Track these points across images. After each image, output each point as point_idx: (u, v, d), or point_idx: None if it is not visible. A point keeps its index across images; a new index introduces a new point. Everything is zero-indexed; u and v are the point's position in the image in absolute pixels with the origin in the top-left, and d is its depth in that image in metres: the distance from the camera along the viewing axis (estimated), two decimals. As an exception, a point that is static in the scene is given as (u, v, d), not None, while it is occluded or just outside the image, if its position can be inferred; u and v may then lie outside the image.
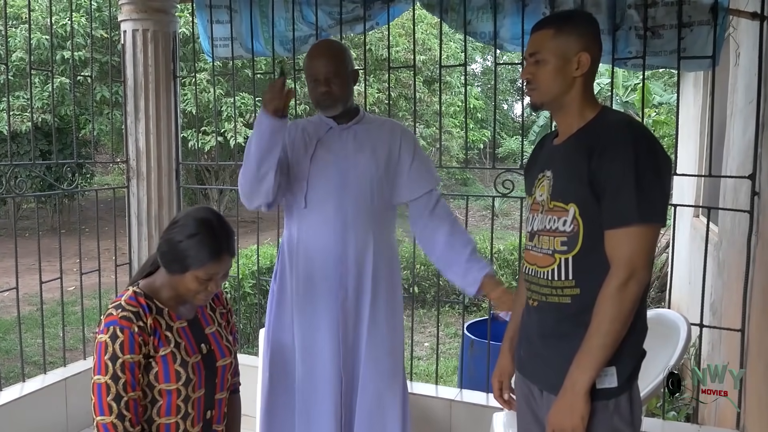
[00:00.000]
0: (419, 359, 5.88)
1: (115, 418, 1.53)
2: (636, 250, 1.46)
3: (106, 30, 8.42)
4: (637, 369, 1.58)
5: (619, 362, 1.52)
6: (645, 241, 1.47)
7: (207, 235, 1.61)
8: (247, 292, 5.67)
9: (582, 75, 1.57)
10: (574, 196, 1.54)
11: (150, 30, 3.35)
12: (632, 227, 1.46)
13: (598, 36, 1.60)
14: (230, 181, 10.74)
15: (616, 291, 1.46)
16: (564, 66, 1.56)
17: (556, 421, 1.53)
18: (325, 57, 2.14)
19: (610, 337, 1.47)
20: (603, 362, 1.48)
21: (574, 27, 1.58)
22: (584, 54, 1.55)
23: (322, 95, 2.14)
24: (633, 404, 1.57)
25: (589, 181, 1.50)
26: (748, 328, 2.58)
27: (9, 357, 5.42)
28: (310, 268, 2.18)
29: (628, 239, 1.46)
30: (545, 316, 1.62)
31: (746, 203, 2.61)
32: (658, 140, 1.56)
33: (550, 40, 1.56)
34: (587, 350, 1.49)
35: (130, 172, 3.45)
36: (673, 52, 2.58)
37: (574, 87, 1.57)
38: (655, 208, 1.47)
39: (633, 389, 1.57)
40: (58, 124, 10.15)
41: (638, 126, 1.58)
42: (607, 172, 1.48)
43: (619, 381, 1.52)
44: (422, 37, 10.85)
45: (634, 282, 1.46)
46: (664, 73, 13.25)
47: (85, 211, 10.33)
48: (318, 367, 2.18)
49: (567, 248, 1.55)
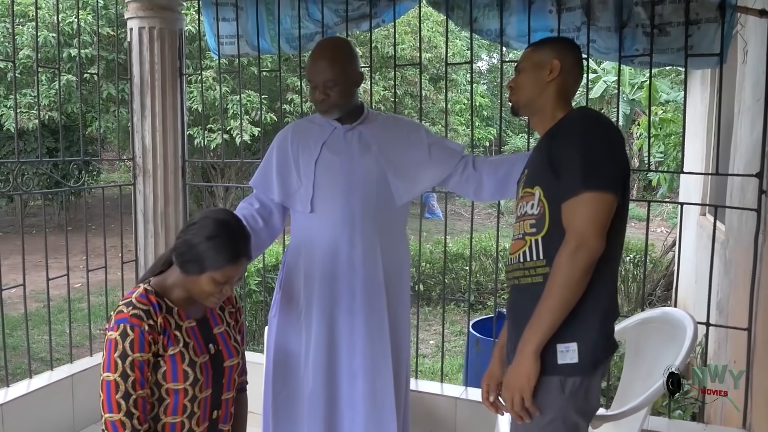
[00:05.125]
0: (424, 357, 5.88)
1: (124, 416, 1.53)
2: (585, 217, 1.52)
3: (112, 28, 8.42)
4: (602, 357, 1.60)
5: (580, 339, 1.55)
6: (593, 208, 1.52)
7: (226, 237, 1.61)
8: (253, 289, 5.68)
9: (554, 80, 1.71)
10: (539, 180, 1.65)
11: (156, 28, 3.35)
12: (579, 195, 1.52)
13: (573, 52, 1.77)
14: (236, 179, 10.74)
15: (565, 258, 1.52)
16: (538, 71, 1.73)
17: (506, 381, 1.61)
18: (326, 61, 2.10)
19: (557, 301, 1.52)
20: (550, 326, 1.54)
21: (550, 42, 1.83)
22: (555, 60, 1.71)
23: (319, 102, 2.13)
24: (589, 394, 1.59)
25: (549, 164, 1.61)
26: (755, 326, 2.57)
27: (16, 353, 5.45)
28: (317, 273, 2.16)
29: (576, 208, 1.53)
30: (519, 298, 1.68)
31: (753, 201, 2.60)
32: (611, 122, 1.69)
33: (530, 53, 1.79)
34: (537, 314, 1.55)
35: (137, 169, 3.46)
36: (681, 49, 2.57)
37: (546, 91, 1.72)
38: (601, 177, 1.53)
39: (593, 380, 1.59)
40: (65, 122, 10.18)
41: (589, 111, 1.74)
42: (559, 151, 1.60)
43: (580, 358, 1.55)
44: (428, 35, 10.81)
45: (584, 250, 1.51)
46: (671, 70, 13.19)
47: (91, 209, 10.36)
48: (324, 370, 2.16)
49: (536, 230, 1.63)
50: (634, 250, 7.19)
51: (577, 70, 1.77)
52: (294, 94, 9.42)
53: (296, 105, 9.37)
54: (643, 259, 3.42)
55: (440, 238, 7.97)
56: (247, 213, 2.22)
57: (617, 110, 3.20)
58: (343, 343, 2.17)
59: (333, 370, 2.17)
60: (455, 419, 2.91)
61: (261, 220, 2.22)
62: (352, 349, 2.16)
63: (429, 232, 10.36)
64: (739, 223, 3.21)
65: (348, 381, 2.17)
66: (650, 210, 2.95)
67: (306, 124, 2.28)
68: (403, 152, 2.19)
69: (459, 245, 7.81)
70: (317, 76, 2.11)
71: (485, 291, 7.43)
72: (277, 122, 8.78)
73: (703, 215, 5.39)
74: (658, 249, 8.29)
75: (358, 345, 2.16)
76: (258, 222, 2.21)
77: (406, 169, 2.19)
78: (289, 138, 2.24)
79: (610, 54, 2.72)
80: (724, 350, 3.41)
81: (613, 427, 2.21)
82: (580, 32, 2.66)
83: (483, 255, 7.71)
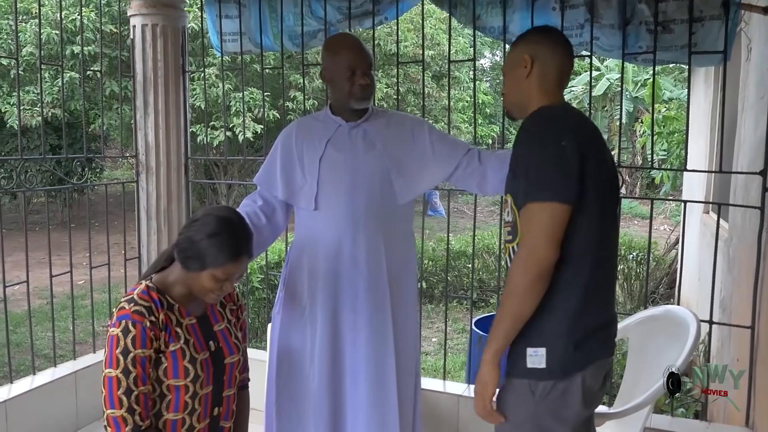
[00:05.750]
0: (427, 354, 5.88)
1: (125, 412, 1.54)
2: (533, 227, 1.49)
3: (115, 25, 8.44)
4: (571, 363, 1.55)
5: (548, 344, 1.54)
6: (540, 219, 1.49)
7: (228, 235, 1.62)
8: (256, 286, 5.69)
9: (531, 75, 1.67)
10: (509, 186, 1.65)
11: (159, 25, 3.35)
12: (527, 206, 1.51)
13: (547, 38, 1.71)
14: (239, 176, 10.75)
15: (515, 267, 1.52)
16: (516, 71, 1.70)
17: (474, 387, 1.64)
18: (362, 49, 2.14)
19: (508, 309, 1.53)
20: (505, 334, 1.55)
21: (521, 37, 1.75)
22: (526, 55, 1.67)
23: (362, 87, 2.12)
24: (568, 399, 1.55)
25: (511, 170, 1.61)
26: (758, 325, 2.56)
27: (20, 350, 5.46)
28: (321, 270, 2.15)
29: (526, 218, 1.51)
30: None
31: (757, 199, 2.59)
32: (568, 119, 1.61)
33: (508, 55, 1.75)
34: (494, 322, 1.57)
35: (140, 166, 3.46)
36: (684, 47, 2.56)
37: (528, 89, 1.69)
38: (547, 187, 1.50)
39: (571, 383, 1.55)
40: (68, 119, 10.20)
41: (543, 112, 1.63)
42: (515, 157, 1.59)
43: (548, 364, 1.54)
44: (431, 32, 10.81)
45: (533, 259, 1.49)
46: (674, 68, 13.16)
47: (94, 206, 10.40)
48: (328, 367, 2.16)
49: (512, 237, 1.63)
50: (637, 247, 7.17)
51: (554, 56, 1.69)
52: (297, 92, 9.42)
53: (299, 102, 9.38)
54: (646, 256, 3.42)
55: (443, 236, 7.96)
56: (250, 210, 2.22)
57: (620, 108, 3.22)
58: (347, 341, 2.16)
59: (337, 367, 2.17)
60: (458, 417, 2.91)
61: (264, 217, 2.22)
62: (355, 346, 2.16)
63: (432, 230, 10.36)
64: (742, 221, 3.21)
65: (351, 379, 2.17)
66: (653, 208, 2.95)
67: (310, 121, 2.28)
68: (407, 150, 2.18)
69: (461, 243, 7.81)
70: (359, 62, 2.11)
71: (488, 288, 7.43)
72: (280, 120, 8.78)
73: (707, 213, 5.38)
74: (661, 247, 8.28)
75: (361, 343, 2.15)
76: (261, 219, 2.21)
77: (409, 167, 2.18)
78: (294, 135, 2.24)
79: (613, 51, 2.71)
80: (727, 348, 3.40)
81: (616, 425, 2.21)
82: (584, 29, 2.65)
83: (486, 253, 7.71)
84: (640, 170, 13.37)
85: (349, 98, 2.14)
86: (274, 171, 2.24)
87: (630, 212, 14.08)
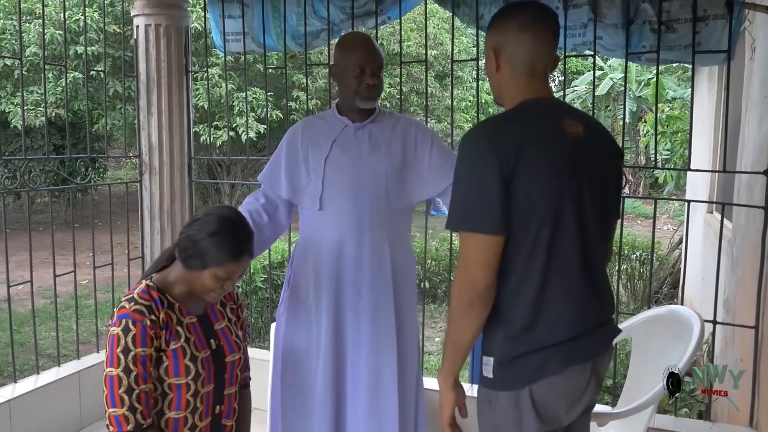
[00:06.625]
0: (430, 354, 5.88)
1: (127, 410, 1.54)
2: (465, 253, 1.47)
3: (118, 25, 8.44)
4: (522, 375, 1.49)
5: (494, 353, 1.53)
6: (469, 246, 1.46)
7: (229, 234, 1.63)
8: (259, 286, 5.69)
9: (499, 71, 1.57)
10: None
11: (162, 25, 3.35)
12: (461, 234, 1.48)
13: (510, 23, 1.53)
14: (242, 176, 10.76)
15: (453, 290, 1.51)
16: (487, 65, 1.60)
17: None
18: (374, 49, 2.14)
19: (449, 334, 1.55)
20: (451, 354, 1.55)
21: (489, 26, 1.61)
22: (489, 49, 1.57)
23: (370, 87, 2.12)
24: (521, 411, 1.49)
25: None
26: (762, 324, 2.56)
27: (23, 349, 5.47)
28: (325, 270, 2.15)
29: (463, 245, 1.48)
30: None
31: (761, 199, 2.59)
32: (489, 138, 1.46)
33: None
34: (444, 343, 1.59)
35: (143, 166, 3.47)
36: (688, 46, 2.55)
37: (501, 86, 1.59)
38: (472, 218, 1.45)
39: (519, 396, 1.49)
40: (72, 119, 10.22)
41: (473, 130, 1.52)
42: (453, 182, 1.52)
43: (494, 374, 1.52)
44: (434, 32, 10.80)
45: (467, 284, 1.46)
46: (677, 67, 13.14)
47: (98, 206, 10.41)
48: (332, 367, 2.16)
49: None
50: (640, 247, 7.17)
51: (520, 46, 1.52)
52: (300, 92, 9.42)
53: (302, 102, 9.38)
54: (650, 256, 3.41)
55: (446, 236, 7.96)
56: (252, 208, 2.22)
57: (624, 107, 3.23)
58: (350, 341, 2.17)
59: (340, 367, 2.18)
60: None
61: (266, 215, 2.22)
62: (358, 347, 2.16)
63: (435, 230, 10.35)
64: (746, 221, 3.20)
65: (353, 378, 2.17)
66: (657, 207, 2.94)
67: (316, 121, 2.28)
68: (407, 158, 2.18)
69: (465, 242, 7.78)
70: (370, 61, 2.11)
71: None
72: (283, 119, 8.79)
73: (710, 213, 5.37)
74: (665, 247, 8.27)
75: (363, 343, 2.16)
76: (263, 217, 2.21)
77: (407, 175, 2.18)
78: (300, 134, 2.24)
79: (617, 51, 2.71)
80: (731, 348, 3.39)
81: (620, 425, 2.21)
82: (587, 29, 2.65)
83: (489, 252, 7.70)
84: (643, 170, 13.36)
85: (355, 96, 2.13)
86: (279, 169, 2.25)
87: (633, 212, 14.06)
